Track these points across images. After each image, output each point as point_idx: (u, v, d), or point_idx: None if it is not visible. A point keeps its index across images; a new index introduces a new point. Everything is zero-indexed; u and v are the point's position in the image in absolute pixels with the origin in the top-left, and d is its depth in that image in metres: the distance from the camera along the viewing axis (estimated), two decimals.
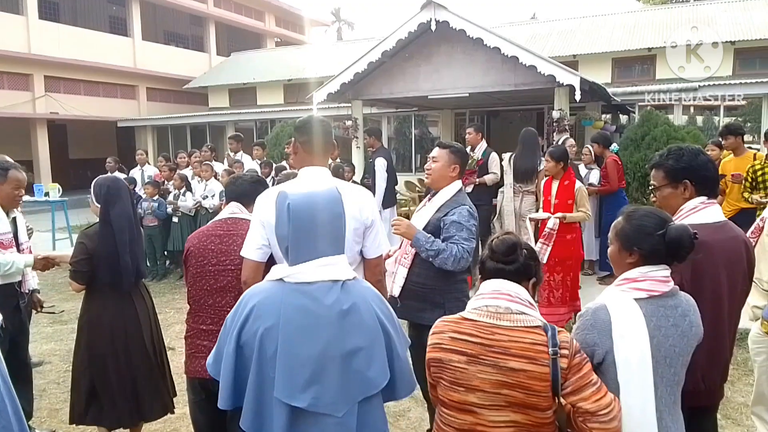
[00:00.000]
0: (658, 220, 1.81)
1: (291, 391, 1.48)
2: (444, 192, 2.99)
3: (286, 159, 7.69)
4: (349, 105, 9.96)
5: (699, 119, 13.15)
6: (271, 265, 1.96)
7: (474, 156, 6.44)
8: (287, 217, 1.55)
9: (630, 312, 1.75)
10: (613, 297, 1.81)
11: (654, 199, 2.27)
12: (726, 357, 2.16)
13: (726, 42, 13.44)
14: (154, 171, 8.97)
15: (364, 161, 9.63)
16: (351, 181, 6.49)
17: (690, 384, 1.87)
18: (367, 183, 7.15)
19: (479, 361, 1.66)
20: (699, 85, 12.08)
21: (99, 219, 2.98)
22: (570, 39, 16.93)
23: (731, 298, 2.09)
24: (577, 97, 7.61)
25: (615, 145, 7.70)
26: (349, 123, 9.87)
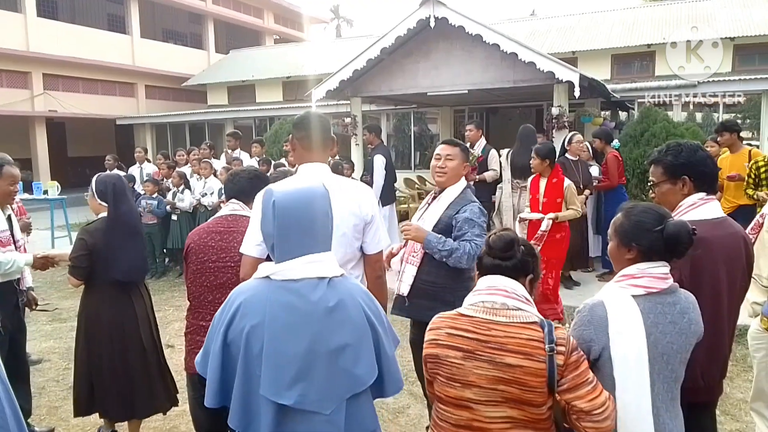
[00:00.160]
0: (656, 216, 1.81)
1: (277, 389, 1.47)
2: (452, 189, 2.98)
3: (284, 156, 7.67)
4: (348, 102, 9.93)
5: (698, 116, 13.14)
6: None
7: (474, 153, 6.45)
8: (272, 214, 1.54)
9: (627, 308, 1.75)
10: (611, 293, 1.81)
11: (653, 195, 2.28)
12: (725, 353, 2.16)
13: (725, 38, 13.41)
14: (153, 169, 8.96)
15: (363, 158, 9.61)
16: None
17: (689, 380, 1.87)
18: (366, 180, 7.14)
19: (475, 357, 1.66)
20: (698, 82, 12.06)
21: (109, 216, 2.99)
22: (569, 35, 16.88)
23: (730, 294, 2.09)
24: (577, 94, 7.58)
25: (616, 142, 7.70)
26: (348, 120, 9.84)
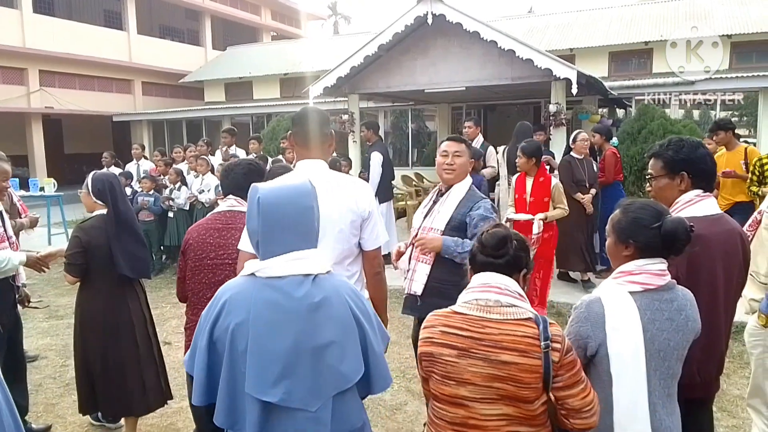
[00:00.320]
0: (654, 212, 1.81)
1: (262, 387, 1.46)
2: (460, 187, 2.97)
3: (282, 153, 7.66)
4: (346, 99, 9.92)
5: (695, 113, 13.16)
6: None
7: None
8: (257, 211, 1.53)
9: (624, 305, 1.75)
10: (608, 290, 1.81)
11: (649, 189, 2.27)
12: (722, 350, 2.16)
13: (723, 36, 13.43)
14: (149, 165, 8.95)
15: (361, 155, 9.60)
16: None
17: (686, 376, 1.88)
18: (364, 177, 7.13)
19: (470, 355, 1.65)
20: (695, 79, 12.07)
21: (111, 214, 3.01)
22: (567, 33, 16.89)
23: (727, 290, 2.09)
24: (574, 91, 7.59)
25: (615, 139, 7.70)
26: (346, 117, 9.82)
